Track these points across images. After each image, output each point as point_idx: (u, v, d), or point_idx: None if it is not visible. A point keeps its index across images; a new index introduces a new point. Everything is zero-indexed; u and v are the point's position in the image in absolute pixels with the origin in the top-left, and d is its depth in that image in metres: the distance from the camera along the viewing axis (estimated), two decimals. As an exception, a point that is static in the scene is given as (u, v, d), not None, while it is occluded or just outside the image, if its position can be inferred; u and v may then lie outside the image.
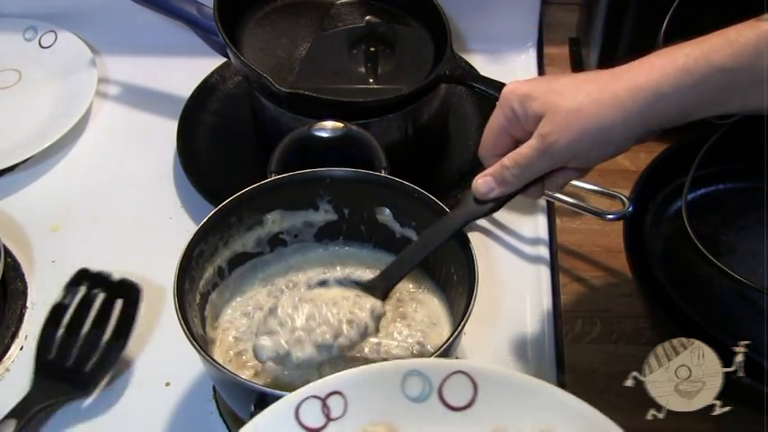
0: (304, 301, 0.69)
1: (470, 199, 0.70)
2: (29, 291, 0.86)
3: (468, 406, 0.61)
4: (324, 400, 0.60)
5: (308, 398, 0.60)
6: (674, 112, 0.61)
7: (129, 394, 0.78)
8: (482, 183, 0.69)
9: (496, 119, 0.68)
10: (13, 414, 0.73)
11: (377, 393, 0.61)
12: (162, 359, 0.80)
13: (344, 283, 0.72)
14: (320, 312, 0.68)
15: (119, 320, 0.81)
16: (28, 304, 0.85)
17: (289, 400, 0.60)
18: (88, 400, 0.78)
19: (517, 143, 0.68)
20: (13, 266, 0.87)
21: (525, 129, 0.66)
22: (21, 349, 0.82)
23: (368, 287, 0.71)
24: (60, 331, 0.80)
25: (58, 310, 0.81)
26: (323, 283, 0.75)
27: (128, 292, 0.82)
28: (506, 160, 0.67)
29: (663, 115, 0.62)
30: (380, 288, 0.71)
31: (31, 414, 0.74)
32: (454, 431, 0.60)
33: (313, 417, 0.60)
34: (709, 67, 0.59)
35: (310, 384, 0.61)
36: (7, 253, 0.86)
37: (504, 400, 0.60)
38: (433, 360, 0.65)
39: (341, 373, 0.61)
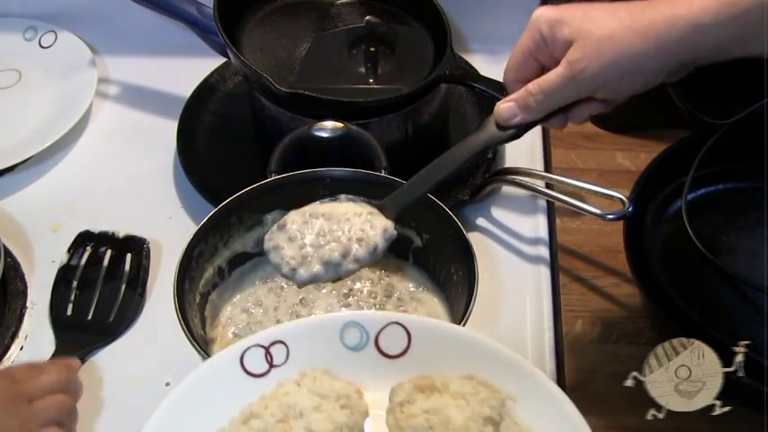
0: (315, 216, 0.68)
1: (491, 124, 0.68)
2: (29, 291, 0.86)
3: (402, 354, 0.65)
4: (267, 349, 0.64)
5: (252, 346, 0.64)
6: (710, 45, 0.60)
7: (128, 394, 0.78)
8: (505, 108, 0.67)
9: (524, 42, 0.66)
10: None
11: (317, 342, 0.65)
12: (162, 359, 0.80)
13: (356, 200, 0.69)
14: (330, 229, 0.67)
15: (132, 272, 0.85)
16: (28, 304, 0.85)
17: (234, 348, 0.64)
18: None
19: (543, 70, 0.66)
20: (13, 266, 0.87)
21: (553, 55, 0.65)
22: (21, 349, 0.82)
23: (379, 207, 0.69)
24: (73, 289, 0.84)
25: (65, 271, 0.85)
26: (334, 199, 0.70)
27: (135, 246, 0.86)
28: (531, 86, 0.65)
29: (699, 48, 0.60)
30: (392, 209, 0.69)
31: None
32: (387, 376, 0.63)
33: (257, 363, 0.64)
34: (752, 1, 0.58)
35: (255, 334, 0.65)
36: (7, 253, 0.86)
37: (435, 349, 0.64)
38: (370, 312, 0.70)
39: (284, 324, 0.67)
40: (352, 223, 0.67)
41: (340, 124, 0.82)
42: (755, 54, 0.61)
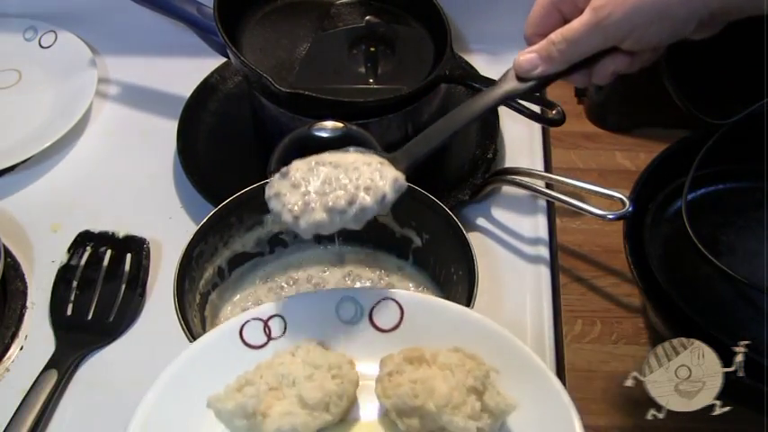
0: (321, 164, 0.66)
1: (511, 77, 0.67)
2: (29, 291, 0.86)
3: (395, 328, 0.68)
4: (265, 322, 0.67)
5: (250, 320, 0.67)
6: None
7: (128, 394, 0.78)
8: (526, 59, 0.65)
9: None
10: (52, 364, 0.78)
11: (314, 316, 0.68)
12: (162, 359, 0.80)
13: (366, 151, 0.68)
14: (337, 177, 0.65)
15: (132, 272, 0.85)
16: (28, 304, 0.85)
17: (234, 321, 0.67)
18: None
19: (566, 22, 0.64)
20: (13, 266, 0.87)
21: (576, 5, 0.63)
22: (21, 349, 0.82)
23: (390, 158, 0.68)
24: (73, 289, 0.84)
25: (65, 271, 0.85)
26: (343, 150, 0.69)
27: (135, 246, 0.87)
28: (554, 35, 0.63)
29: None
30: (403, 161, 0.67)
31: (69, 363, 0.79)
32: (379, 348, 0.66)
33: (255, 336, 0.67)
34: None
35: (253, 309, 0.68)
36: (7, 253, 0.86)
37: (426, 323, 0.67)
38: (365, 288, 0.73)
39: (282, 299, 0.69)
40: (360, 172, 0.65)
41: (340, 124, 0.82)
42: None
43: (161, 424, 0.62)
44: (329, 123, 0.82)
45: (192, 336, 0.69)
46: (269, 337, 0.67)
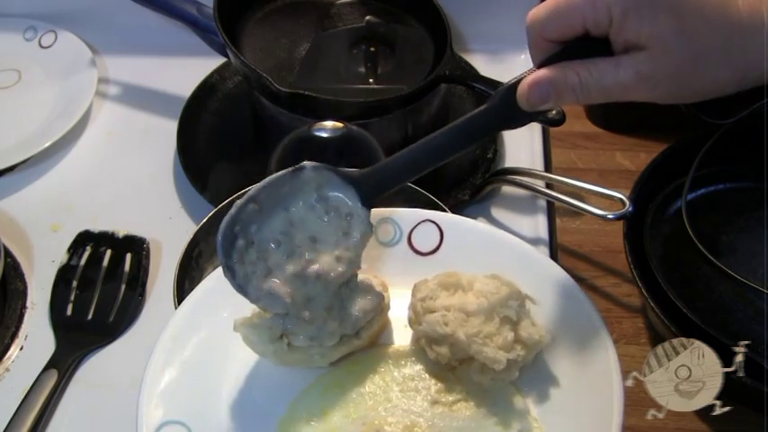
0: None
1: (506, 103, 0.56)
2: (29, 291, 0.86)
3: (434, 252, 0.66)
4: None
5: None
6: None
7: (128, 394, 0.78)
8: (536, 91, 0.54)
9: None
10: (52, 364, 0.78)
11: None
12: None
13: (321, 169, 0.59)
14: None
15: (131, 272, 0.85)
16: (28, 304, 0.85)
17: None
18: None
19: (586, 33, 0.54)
20: (13, 266, 0.87)
21: (608, 31, 0.52)
22: (21, 349, 0.82)
23: (355, 181, 0.59)
24: (73, 289, 0.84)
25: (65, 271, 0.85)
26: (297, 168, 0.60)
27: (135, 246, 0.86)
28: (585, 73, 0.52)
29: None
30: (367, 188, 0.59)
31: (69, 363, 0.78)
32: (418, 272, 0.64)
33: None
34: None
35: None
36: (7, 253, 0.86)
37: (466, 247, 0.65)
38: (405, 209, 0.68)
39: None
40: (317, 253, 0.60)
41: (340, 124, 0.82)
42: None
43: (191, 338, 0.61)
44: (329, 123, 0.82)
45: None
46: None
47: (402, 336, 0.64)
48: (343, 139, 0.83)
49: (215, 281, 0.64)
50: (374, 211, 0.60)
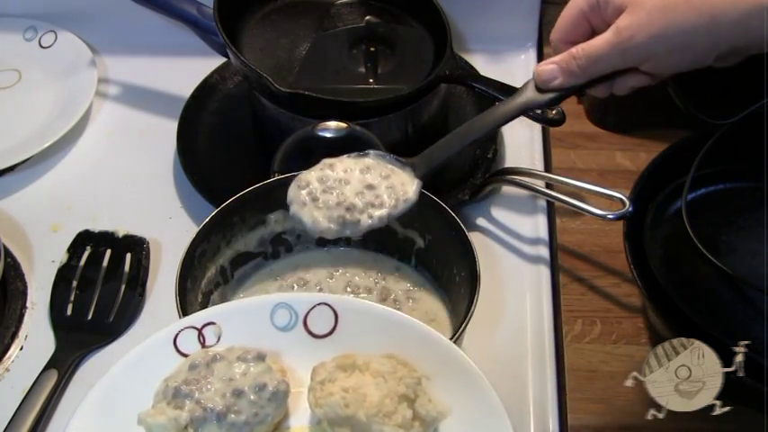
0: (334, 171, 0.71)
1: (530, 87, 0.67)
2: (29, 291, 0.86)
3: (329, 334, 0.66)
4: (200, 330, 0.66)
5: (185, 328, 0.66)
6: None
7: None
8: (546, 70, 0.66)
9: (577, 2, 0.65)
10: (52, 364, 0.78)
11: (248, 324, 0.67)
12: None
13: (385, 156, 0.72)
14: (344, 191, 0.70)
15: (131, 272, 0.85)
16: (28, 304, 0.85)
17: (168, 330, 0.66)
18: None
19: (593, 34, 0.65)
20: (13, 266, 0.87)
21: (604, 19, 0.63)
22: (21, 349, 0.82)
23: (410, 164, 0.71)
24: (73, 289, 0.84)
25: (65, 271, 0.85)
26: (362, 155, 0.74)
27: (135, 246, 0.87)
28: (576, 50, 0.64)
29: (755, 34, 0.58)
30: (422, 168, 0.71)
31: (69, 363, 0.79)
32: (315, 355, 0.65)
33: (189, 344, 0.66)
34: None
35: (188, 317, 0.67)
36: (7, 253, 0.86)
37: (361, 329, 0.66)
38: (298, 293, 0.73)
39: (216, 306, 0.69)
40: (375, 188, 0.70)
41: (343, 124, 0.82)
42: None
43: None
44: (333, 123, 0.82)
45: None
46: (203, 346, 0.66)
47: (304, 418, 0.65)
48: (346, 140, 0.83)
49: (115, 375, 0.64)
50: (269, 296, 0.69)
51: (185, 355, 0.65)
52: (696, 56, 0.61)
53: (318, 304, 0.67)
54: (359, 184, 0.70)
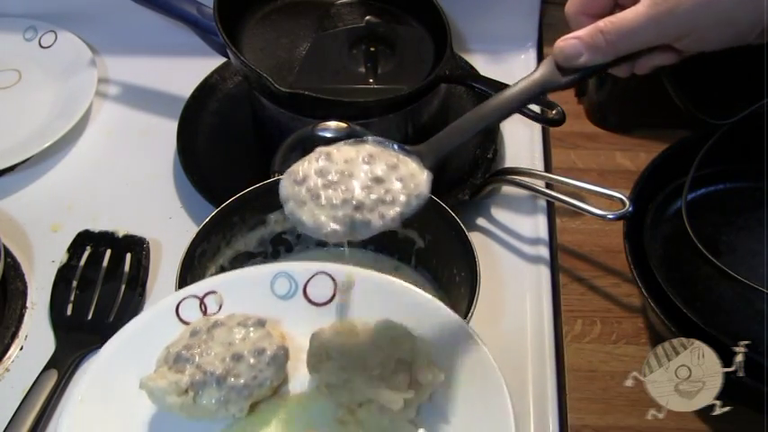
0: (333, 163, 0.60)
1: (547, 66, 0.60)
2: (29, 291, 0.86)
3: (329, 302, 0.68)
4: (201, 299, 0.67)
5: (187, 297, 0.67)
6: None
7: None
8: (569, 45, 0.58)
9: None
10: (52, 364, 0.78)
11: (249, 292, 0.68)
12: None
13: (385, 143, 0.60)
14: (349, 185, 0.59)
15: (131, 272, 0.85)
16: (28, 304, 0.85)
17: (170, 299, 0.67)
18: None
19: (615, 6, 0.59)
20: (13, 266, 0.87)
21: None
22: (21, 349, 0.82)
23: (416, 152, 0.60)
24: (73, 289, 0.84)
25: (65, 271, 0.85)
26: (360, 141, 0.61)
27: (135, 246, 0.87)
28: (604, 23, 0.57)
29: None
30: (430, 156, 0.59)
31: (69, 363, 0.78)
32: (315, 323, 0.66)
33: (192, 313, 0.67)
34: None
35: (190, 286, 0.68)
36: (7, 253, 0.86)
37: (359, 296, 0.67)
38: (297, 263, 0.72)
39: (218, 275, 0.70)
40: (384, 182, 0.59)
41: (343, 124, 0.82)
42: None
43: (98, 405, 0.62)
44: (333, 123, 0.82)
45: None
46: (205, 314, 0.67)
47: (303, 383, 0.66)
48: (346, 140, 0.83)
49: (119, 344, 0.65)
50: (269, 265, 0.71)
51: (187, 323, 0.66)
52: (739, 30, 0.57)
53: (318, 273, 0.68)
54: (365, 177, 0.58)
